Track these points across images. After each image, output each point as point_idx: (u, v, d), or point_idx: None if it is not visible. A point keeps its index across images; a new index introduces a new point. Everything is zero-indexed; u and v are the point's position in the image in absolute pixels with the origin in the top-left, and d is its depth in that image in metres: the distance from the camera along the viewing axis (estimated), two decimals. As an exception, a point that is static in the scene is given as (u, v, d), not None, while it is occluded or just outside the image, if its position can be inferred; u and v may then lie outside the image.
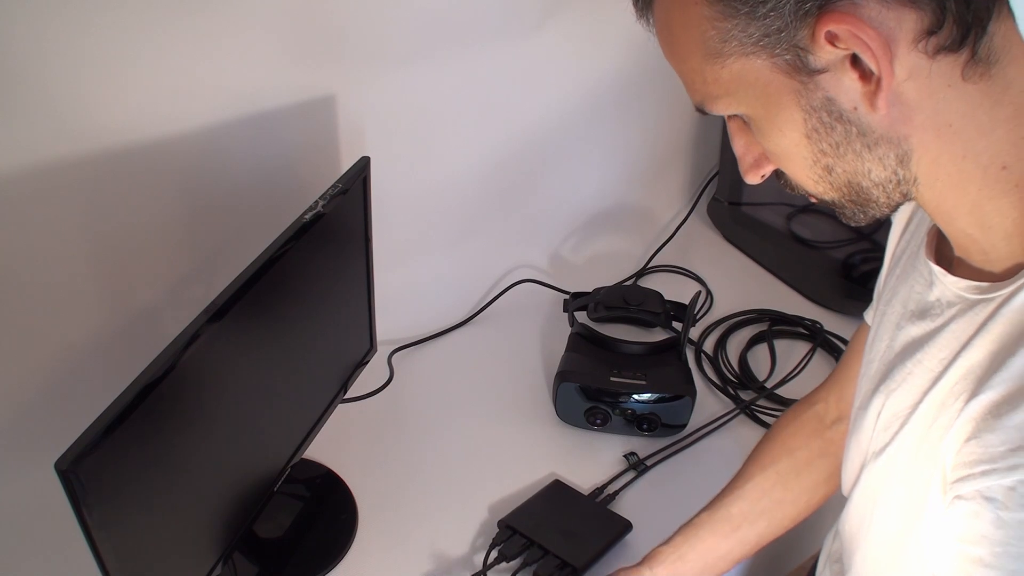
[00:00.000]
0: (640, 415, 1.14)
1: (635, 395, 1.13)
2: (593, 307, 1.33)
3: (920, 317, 0.63)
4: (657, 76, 1.55)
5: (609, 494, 1.10)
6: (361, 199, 1.07)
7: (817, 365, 1.32)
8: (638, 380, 1.14)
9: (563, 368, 1.18)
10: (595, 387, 1.14)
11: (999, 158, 0.52)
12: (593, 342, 1.24)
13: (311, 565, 1.01)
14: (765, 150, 0.58)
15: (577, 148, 1.55)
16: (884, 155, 0.54)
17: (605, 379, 1.14)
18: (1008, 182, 0.52)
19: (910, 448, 0.62)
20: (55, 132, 0.95)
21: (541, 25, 1.35)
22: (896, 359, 0.67)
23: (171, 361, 0.75)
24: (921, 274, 0.64)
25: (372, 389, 1.25)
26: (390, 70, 1.22)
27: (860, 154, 0.54)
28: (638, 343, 1.23)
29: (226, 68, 1.06)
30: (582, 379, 1.15)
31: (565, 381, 1.15)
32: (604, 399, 1.14)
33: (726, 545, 0.88)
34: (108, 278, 1.08)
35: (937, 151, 0.53)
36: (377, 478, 1.13)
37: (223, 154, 1.10)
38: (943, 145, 0.53)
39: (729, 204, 1.65)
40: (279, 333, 0.97)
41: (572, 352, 1.22)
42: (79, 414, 0.71)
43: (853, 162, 0.54)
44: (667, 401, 1.14)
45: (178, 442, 0.81)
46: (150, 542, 0.80)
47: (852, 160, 0.54)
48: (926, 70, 0.50)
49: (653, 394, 1.13)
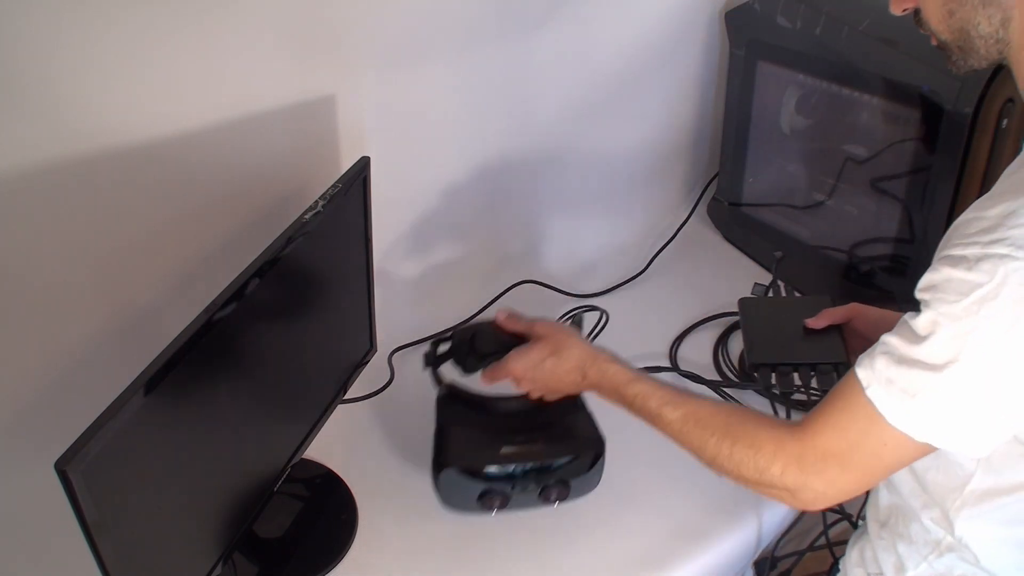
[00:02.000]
0: (545, 488, 0.94)
1: (535, 465, 0.93)
2: (463, 359, 1.03)
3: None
4: (657, 77, 1.56)
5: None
6: (361, 199, 1.07)
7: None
8: (535, 446, 0.93)
9: (440, 450, 0.95)
10: (484, 466, 0.92)
11: None
12: (470, 405, 1.00)
13: (311, 565, 1.01)
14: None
15: (577, 148, 1.55)
16: (992, 15, 0.69)
17: (495, 452, 0.93)
18: None
19: None
20: (55, 132, 0.95)
21: (541, 26, 1.35)
22: None
23: (171, 361, 0.75)
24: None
25: (372, 389, 1.25)
26: (390, 70, 1.22)
27: (976, 8, 0.70)
28: (524, 397, 0.98)
29: (226, 68, 1.06)
30: (467, 461, 0.93)
31: (446, 467, 0.93)
32: (499, 480, 0.93)
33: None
34: (108, 278, 1.08)
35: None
36: (377, 478, 1.13)
37: (223, 154, 1.10)
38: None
39: (729, 204, 1.65)
40: (279, 333, 0.97)
41: (447, 423, 0.98)
42: (79, 414, 0.71)
43: (969, 12, 0.70)
44: (576, 463, 0.94)
45: (178, 442, 0.81)
46: (150, 542, 0.80)
47: (969, 11, 0.70)
48: None
49: (557, 459, 0.94)
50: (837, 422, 0.70)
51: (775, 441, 0.74)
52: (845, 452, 0.70)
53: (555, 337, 0.92)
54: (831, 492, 0.72)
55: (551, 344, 0.92)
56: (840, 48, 1.31)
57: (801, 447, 0.72)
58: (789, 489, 0.74)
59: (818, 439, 0.71)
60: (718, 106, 1.67)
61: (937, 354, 0.65)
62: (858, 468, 0.70)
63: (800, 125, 1.50)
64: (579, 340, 0.92)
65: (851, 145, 1.39)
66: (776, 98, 1.50)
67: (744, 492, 0.79)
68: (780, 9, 1.39)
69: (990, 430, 0.66)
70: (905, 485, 0.83)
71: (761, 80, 1.51)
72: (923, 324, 0.66)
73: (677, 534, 1.04)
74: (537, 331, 0.94)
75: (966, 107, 1.12)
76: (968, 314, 0.63)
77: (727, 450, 0.77)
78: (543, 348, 0.92)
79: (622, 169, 1.64)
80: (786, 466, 0.73)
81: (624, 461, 1.00)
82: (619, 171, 1.64)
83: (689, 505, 1.06)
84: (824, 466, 0.71)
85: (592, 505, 0.99)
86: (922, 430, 0.67)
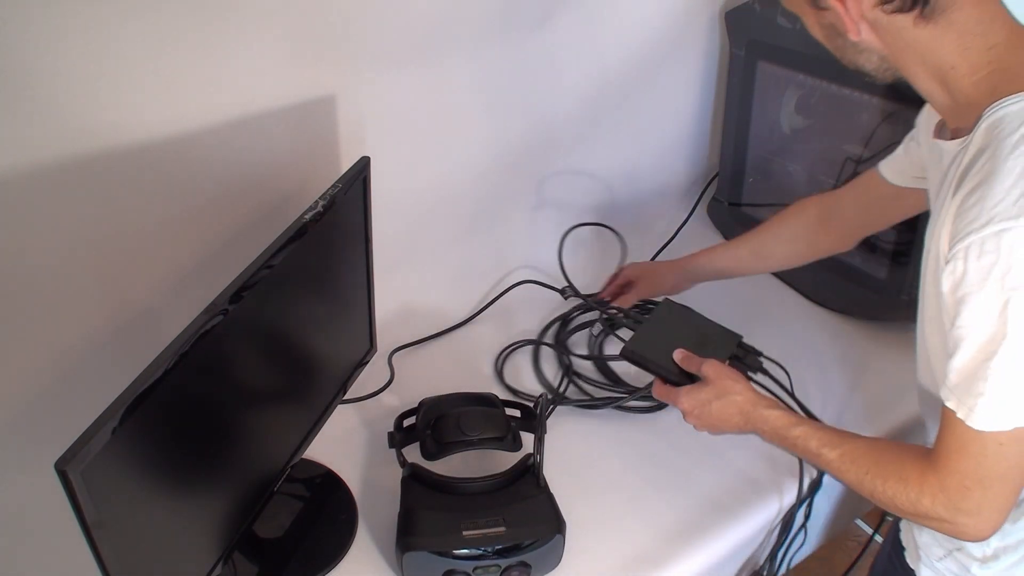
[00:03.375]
0: (507, 568, 0.97)
1: (496, 546, 0.96)
2: (424, 445, 1.08)
3: (938, 185, 0.82)
4: (657, 77, 1.56)
5: None
6: (361, 199, 1.07)
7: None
8: (496, 528, 0.96)
9: (405, 531, 0.98)
10: (447, 549, 0.95)
11: (948, 62, 0.77)
12: (432, 486, 1.03)
13: (311, 565, 1.01)
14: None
15: (577, 148, 1.55)
16: (869, 57, 0.82)
17: (457, 535, 0.96)
18: (958, 73, 0.77)
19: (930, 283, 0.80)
20: (56, 132, 0.95)
21: (541, 26, 1.35)
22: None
23: (171, 361, 0.75)
24: (937, 159, 0.84)
25: (372, 390, 1.25)
26: (390, 70, 1.22)
27: (856, 56, 0.83)
28: (486, 479, 1.03)
29: (226, 68, 1.06)
30: (430, 542, 0.95)
31: (410, 550, 0.95)
32: (462, 559, 0.95)
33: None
34: (108, 278, 1.08)
35: (904, 61, 0.80)
36: (377, 478, 1.13)
37: (223, 154, 1.10)
38: (907, 57, 0.79)
39: (729, 204, 1.65)
40: (279, 333, 0.97)
41: (411, 505, 1.00)
42: (79, 414, 0.71)
43: (853, 58, 0.83)
44: (536, 547, 0.97)
45: (178, 442, 0.81)
46: (150, 542, 0.80)
47: (852, 58, 0.83)
48: (885, 20, 0.77)
49: (517, 541, 0.96)
50: (955, 447, 0.74)
51: (920, 473, 0.77)
52: (976, 470, 0.73)
53: (722, 382, 0.97)
54: (984, 513, 0.75)
55: (718, 388, 0.97)
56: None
57: (939, 477, 0.76)
58: (945, 520, 0.76)
59: (949, 464, 0.75)
60: (718, 106, 1.68)
61: (986, 342, 0.69)
62: (995, 479, 0.73)
63: (800, 125, 1.50)
64: (744, 386, 0.97)
65: (851, 145, 1.39)
66: (776, 98, 1.50)
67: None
68: (780, 9, 1.39)
69: None
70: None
71: (761, 80, 1.51)
72: (963, 327, 0.70)
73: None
74: (706, 372, 0.99)
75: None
76: (995, 292, 0.68)
77: (880, 486, 0.81)
78: (711, 391, 0.97)
79: (622, 169, 1.64)
80: (934, 497, 0.76)
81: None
82: (619, 171, 1.64)
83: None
84: (966, 491, 0.74)
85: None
86: (1007, 420, 0.70)
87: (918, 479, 0.77)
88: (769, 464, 1.15)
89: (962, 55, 0.76)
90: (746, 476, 1.14)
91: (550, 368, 1.33)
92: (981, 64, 0.75)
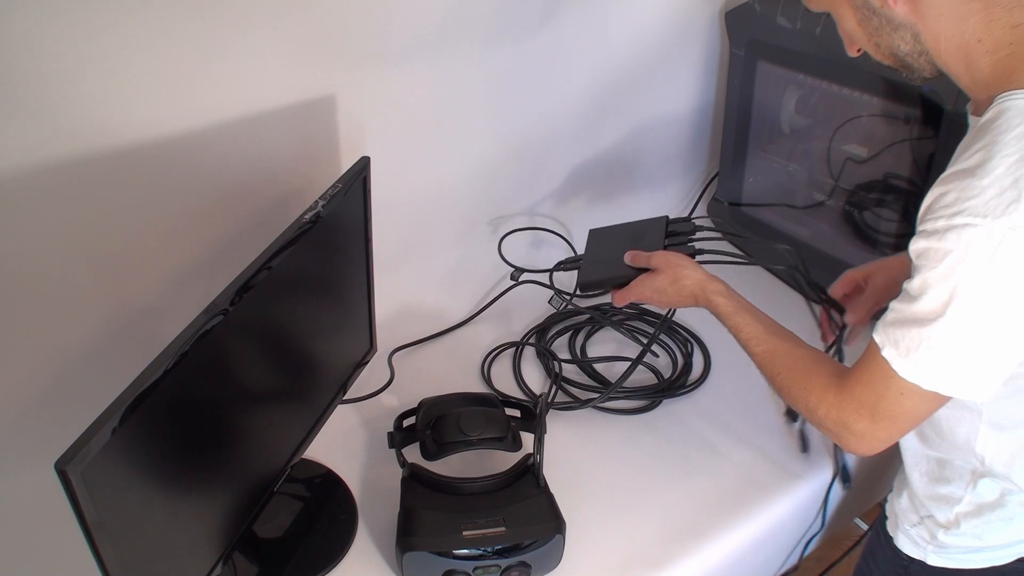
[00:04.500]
0: (507, 568, 0.97)
1: (496, 547, 0.96)
2: (424, 445, 1.08)
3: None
4: (657, 77, 1.56)
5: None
6: (361, 199, 1.07)
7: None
8: (496, 528, 0.96)
9: (405, 531, 0.97)
10: (447, 549, 0.95)
11: (975, 34, 0.78)
12: (432, 487, 1.03)
13: (311, 565, 1.01)
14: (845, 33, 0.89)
15: (577, 148, 1.55)
16: (904, 35, 0.82)
17: (457, 535, 0.96)
18: (983, 48, 0.78)
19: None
20: (55, 132, 0.95)
21: (541, 26, 1.35)
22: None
23: (171, 361, 0.75)
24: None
25: (372, 390, 1.25)
26: (390, 70, 1.22)
27: (890, 34, 0.83)
28: (486, 479, 1.03)
29: (226, 68, 1.06)
30: (430, 543, 0.95)
31: (410, 550, 0.95)
32: (462, 559, 0.95)
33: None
34: (108, 278, 1.08)
35: (935, 32, 0.80)
36: (377, 478, 1.13)
37: (223, 154, 1.10)
38: (937, 28, 0.80)
39: (729, 204, 1.65)
40: (279, 333, 0.97)
41: (410, 505, 1.00)
42: (79, 414, 0.71)
43: (888, 39, 0.83)
44: (536, 547, 0.97)
45: (178, 442, 0.81)
46: (150, 542, 0.80)
47: (887, 38, 0.83)
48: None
49: (517, 542, 0.96)
50: (865, 377, 0.81)
51: (823, 388, 0.85)
52: (873, 403, 0.80)
53: (672, 270, 1.05)
54: (867, 439, 0.82)
55: (670, 275, 1.05)
56: (840, 48, 1.31)
57: (840, 397, 0.83)
58: (832, 432, 0.84)
59: (853, 390, 0.82)
60: (718, 106, 1.68)
61: (928, 311, 0.75)
62: (886, 418, 0.80)
63: (800, 125, 1.50)
64: (692, 270, 1.04)
65: (851, 145, 1.39)
66: (776, 98, 1.50)
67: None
68: (780, 9, 1.39)
69: (985, 375, 0.75)
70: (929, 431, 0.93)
71: (761, 80, 1.51)
72: (915, 287, 0.76)
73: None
74: (656, 264, 1.06)
75: (966, 107, 1.12)
76: (947, 275, 0.73)
77: (787, 386, 0.90)
78: (664, 278, 1.05)
79: (621, 169, 1.64)
80: (828, 411, 0.84)
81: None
82: (618, 171, 1.64)
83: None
84: (857, 416, 0.81)
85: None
86: (928, 379, 0.76)
87: (820, 391, 0.85)
88: (770, 464, 1.15)
89: (987, 28, 0.77)
90: (747, 476, 1.14)
91: (537, 372, 1.34)
92: (1003, 43, 0.77)
